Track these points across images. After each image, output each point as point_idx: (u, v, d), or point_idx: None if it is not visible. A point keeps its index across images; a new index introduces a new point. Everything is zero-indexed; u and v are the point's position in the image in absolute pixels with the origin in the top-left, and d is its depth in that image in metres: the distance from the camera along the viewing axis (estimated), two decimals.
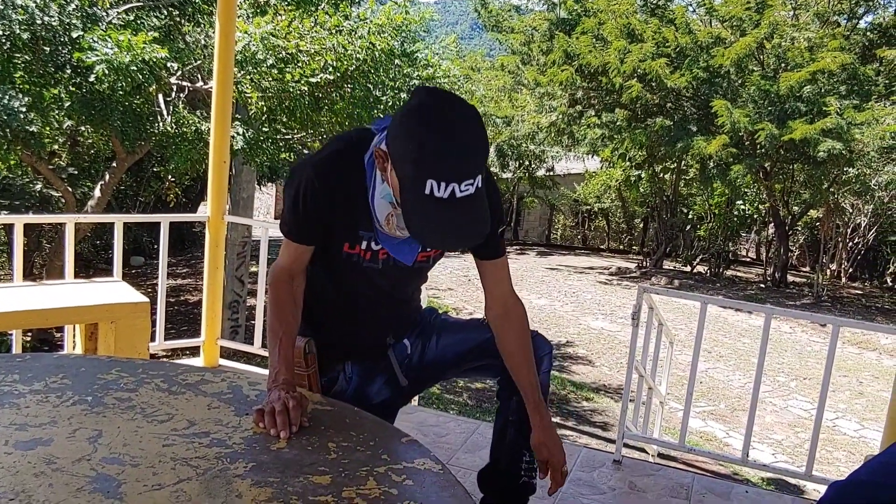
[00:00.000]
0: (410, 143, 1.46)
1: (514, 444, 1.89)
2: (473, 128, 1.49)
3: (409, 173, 1.47)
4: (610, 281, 15.92)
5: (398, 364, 1.92)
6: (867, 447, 7.46)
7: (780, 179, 14.94)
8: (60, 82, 6.59)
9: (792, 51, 13.56)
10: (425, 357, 1.94)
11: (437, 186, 1.43)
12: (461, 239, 1.53)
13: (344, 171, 1.69)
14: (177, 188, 12.36)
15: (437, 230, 1.49)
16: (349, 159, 1.69)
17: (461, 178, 1.45)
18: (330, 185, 1.67)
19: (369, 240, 1.73)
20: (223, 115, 3.68)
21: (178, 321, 10.94)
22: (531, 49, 16.98)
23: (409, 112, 1.50)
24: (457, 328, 1.95)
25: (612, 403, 8.41)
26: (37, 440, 1.35)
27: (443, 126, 1.46)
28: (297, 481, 1.28)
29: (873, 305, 14.04)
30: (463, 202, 1.46)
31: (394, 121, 1.53)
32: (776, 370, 9.83)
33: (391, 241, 1.72)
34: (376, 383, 1.91)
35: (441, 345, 1.93)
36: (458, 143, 1.46)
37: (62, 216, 5.26)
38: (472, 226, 1.50)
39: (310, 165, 1.69)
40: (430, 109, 1.49)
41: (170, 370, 1.76)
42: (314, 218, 1.69)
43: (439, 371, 1.95)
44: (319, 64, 7.03)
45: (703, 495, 2.82)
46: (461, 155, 1.46)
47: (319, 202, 1.67)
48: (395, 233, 1.70)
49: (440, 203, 1.45)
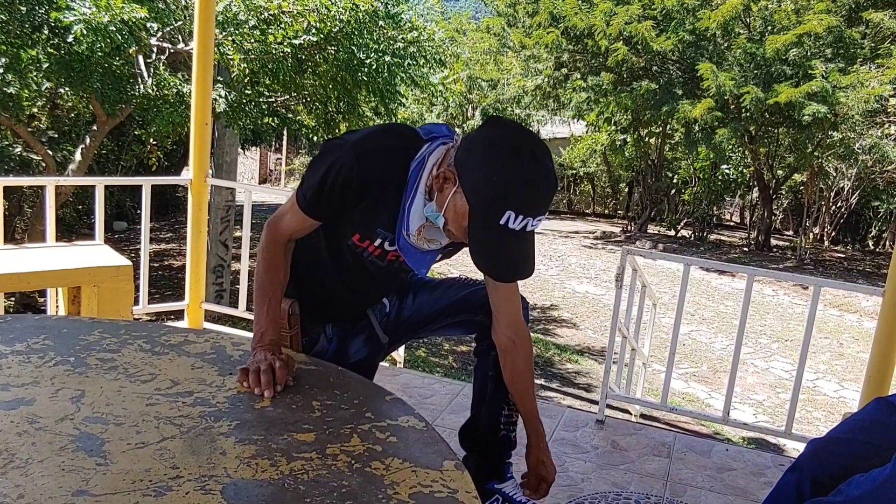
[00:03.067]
0: (495, 172, 1.44)
1: (494, 399, 1.92)
2: (552, 165, 1.49)
3: (487, 201, 1.45)
4: (595, 245, 15.98)
5: (378, 322, 1.93)
6: (846, 407, 7.60)
7: (765, 143, 14.95)
8: (38, 43, 6.46)
9: (778, 13, 13.48)
10: (402, 314, 1.94)
11: (514, 218, 1.44)
12: (519, 272, 1.53)
13: (388, 168, 1.63)
14: (159, 152, 12.21)
15: (500, 260, 1.49)
16: (396, 159, 1.63)
17: (536, 213, 1.46)
18: (368, 177, 1.61)
19: (385, 239, 1.70)
20: (204, 77, 3.64)
21: (161, 286, 10.90)
22: (517, 11, 16.80)
23: (492, 140, 1.48)
24: (433, 286, 1.95)
25: (596, 365, 8.49)
26: (19, 400, 1.35)
27: (532, 160, 1.45)
28: (282, 439, 1.29)
29: (855, 268, 14.19)
30: (529, 237, 1.48)
31: (468, 145, 1.50)
32: (758, 332, 9.95)
33: (412, 251, 1.69)
34: (356, 342, 1.93)
35: (418, 302, 1.93)
36: (543, 179, 1.46)
37: (42, 178, 5.20)
38: (529, 261, 1.51)
39: (354, 149, 1.60)
40: (518, 140, 1.47)
41: (153, 331, 1.76)
42: (338, 201, 1.64)
43: (417, 327, 1.96)
44: (302, 25, 6.92)
45: (683, 453, 2.87)
46: (545, 191, 1.47)
47: (351, 189, 1.62)
48: (421, 245, 1.67)
49: (510, 235, 1.45)
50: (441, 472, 1.23)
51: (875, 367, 2.82)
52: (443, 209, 1.55)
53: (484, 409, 1.94)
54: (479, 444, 1.98)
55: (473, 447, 2.00)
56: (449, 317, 1.90)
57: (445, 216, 1.55)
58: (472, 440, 2.00)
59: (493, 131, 1.51)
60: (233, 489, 1.13)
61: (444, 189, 1.54)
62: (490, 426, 1.94)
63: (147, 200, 3.81)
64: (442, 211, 1.55)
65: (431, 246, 1.68)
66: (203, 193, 3.80)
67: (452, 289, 1.91)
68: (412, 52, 7.72)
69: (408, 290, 1.95)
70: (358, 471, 1.21)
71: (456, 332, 1.99)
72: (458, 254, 1.86)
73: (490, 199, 1.44)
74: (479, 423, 1.96)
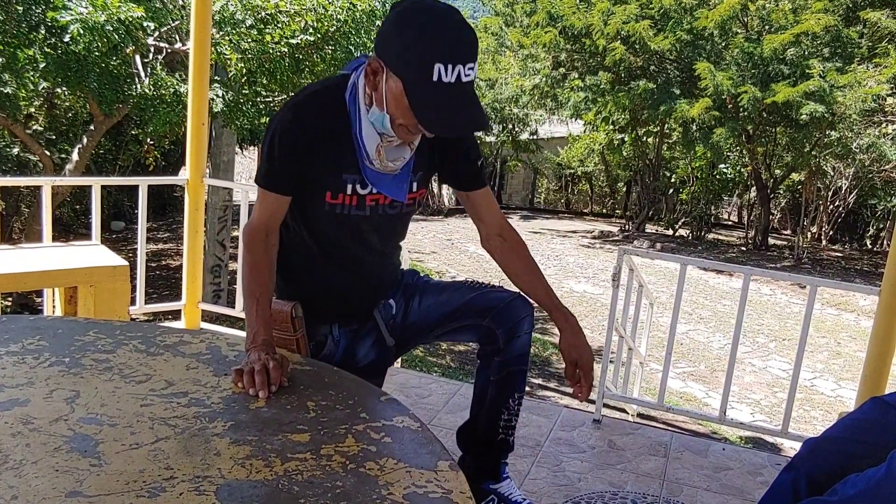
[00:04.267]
0: (412, 35, 1.49)
1: (494, 403, 1.91)
2: (462, 16, 1.54)
3: (413, 65, 1.49)
4: (593, 244, 15.98)
5: (384, 323, 1.91)
6: (843, 406, 7.60)
7: (763, 143, 14.96)
8: (35, 43, 6.45)
9: (776, 13, 13.49)
10: (408, 317, 1.93)
11: (445, 70, 1.47)
12: (471, 122, 1.54)
13: (323, 110, 1.67)
14: (156, 152, 12.20)
15: (448, 115, 1.51)
16: (328, 98, 1.68)
17: (465, 60, 1.49)
18: (308, 127, 1.66)
19: (354, 183, 1.71)
20: (201, 76, 3.64)
21: (159, 286, 10.89)
22: (515, 10, 16.82)
23: (400, 13, 1.53)
24: (439, 290, 1.95)
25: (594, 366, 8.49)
26: (13, 400, 1.34)
27: (441, 13, 1.51)
28: (276, 439, 1.29)
29: (852, 267, 14.20)
30: (468, 87, 1.50)
31: (385, 28, 1.56)
32: (756, 331, 9.96)
33: (382, 179, 1.71)
34: (364, 345, 1.91)
35: (424, 305, 1.92)
36: (458, 26, 1.50)
37: (39, 179, 5.19)
38: (478, 110, 1.53)
39: (286, 108, 1.69)
40: (424, 2, 1.53)
41: (148, 331, 1.75)
42: (291, 161, 1.67)
43: (423, 331, 1.94)
44: (299, 25, 6.93)
45: (680, 452, 2.87)
46: (463, 36, 1.51)
47: (298, 145, 1.66)
48: (386, 166, 1.68)
49: (448, 88, 1.48)
50: (435, 473, 1.23)
51: (871, 367, 2.83)
52: (383, 106, 1.57)
53: (483, 413, 1.93)
54: (476, 446, 1.98)
55: (470, 448, 2.00)
56: (454, 321, 1.89)
57: (388, 111, 1.57)
58: (470, 441, 1.99)
59: (399, 8, 1.55)
60: (227, 490, 1.12)
61: (377, 83, 1.57)
62: (489, 429, 1.93)
63: (144, 200, 3.81)
64: (384, 108, 1.57)
65: (398, 165, 1.70)
66: (200, 193, 3.80)
67: (459, 292, 1.90)
68: None
69: (414, 294, 1.94)
70: (352, 471, 1.20)
71: (462, 338, 1.98)
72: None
73: (416, 61, 1.48)
74: (478, 425, 1.96)
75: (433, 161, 1.81)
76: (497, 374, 1.88)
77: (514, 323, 1.83)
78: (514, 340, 1.84)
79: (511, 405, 1.91)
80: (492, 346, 1.87)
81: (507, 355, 1.86)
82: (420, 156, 1.75)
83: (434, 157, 1.80)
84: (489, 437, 1.94)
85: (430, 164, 1.80)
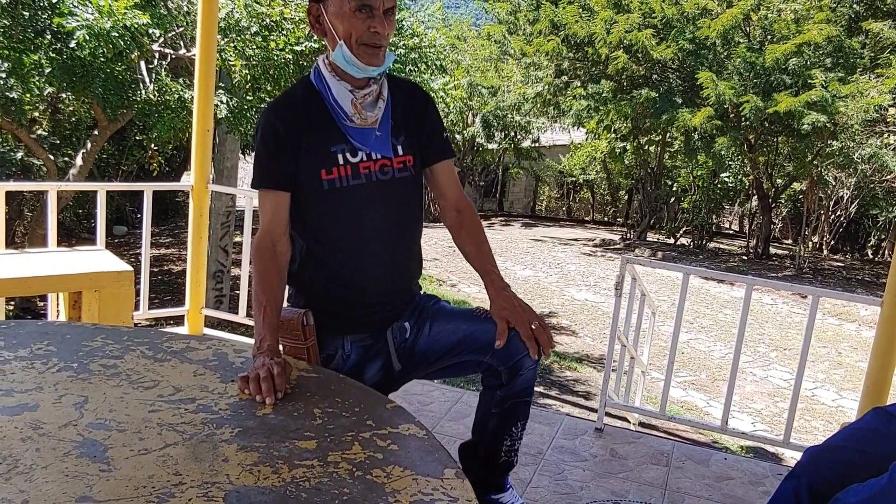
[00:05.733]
0: None
1: (496, 431, 1.91)
2: None
3: None
4: (594, 252, 15.99)
5: (395, 346, 1.90)
6: (845, 416, 7.60)
7: (765, 152, 14.98)
8: (40, 48, 6.49)
9: (778, 23, 13.53)
10: (418, 343, 1.91)
11: None
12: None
13: (297, 98, 1.81)
14: (160, 157, 12.24)
15: None
16: (297, 89, 1.84)
17: None
18: (289, 116, 1.77)
19: (344, 153, 1.78)
20: (206, 83, 3.65)
21: (161, 291, 10.90)
22: (518, 18, 16.85)
23: None
24: (449, 317, 1.92)
25: (595, 373, 8.50)
26: (23, 405, 1.36)
27: None
28: (283, 446, 1.30)
29: (854, 277, 14.20)
30: None
31: None
32: (757, 341, 9.95)
33: (366, 136, 1.79)
34: (373, 366, 1.89)
35: (433, 332, 1.90)
36: None
37: (44, 184, 5.21)
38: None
39: (264, 112, 1.84)
40: None
41: (155, 337, 1.77)
42: (282, 152, 1.76)
43: (428, 361, 1.91)
44: (304, 32, 6.95)
45: (682, 462, 2.87)
46: None
47: (281, 136, 1.75)
48: (365, 118, 1.79)
49: None
50: (442, 481, 1.24)
51: (873, 377, 2.83)
52: (336, 37, 1.73)
53: (485, 438, 1.93)
54: (478, 466, 1.97)
55: (472, 466, 1.97)
56: (457, 354, 1.86)
57: (341, 37, 1.72)
58: (472, 462, 1.98)
59: None
60: (235, 496, 1.13)
61: (322, 25, 1.76)
62: (491, 453, 1.93)
63: (148, 206, 3.82)
64: (338, 38, 1.73)
65: (377, 115, 1.81)
66: (204, 199, 3.81)
67: (465, 322, 1.87)
68: (413, 59, 7.76)
69: (426, 320, 1.91)
70: (359, 478, 1.21)
71: (464, 373, 1.97)
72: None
73: None
74: (480, 447, 1.95)
75: (410, 126, 1.88)
76: (499, 406, 1.87)
77: (517, 360, 1.79)
78: (516, 377, 1.82)
79: (514, 432, 1.91)
80: (495, 380, 1.85)
81: (510, 390, 1.84)
82: (396, 120, 1.85)
83: (410, 121, 1.88)
84: (492, 460, 1.93)
85: (408, 129, 1.87)
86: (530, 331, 1.76)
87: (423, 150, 1.90)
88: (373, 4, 1.70)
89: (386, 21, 1.73)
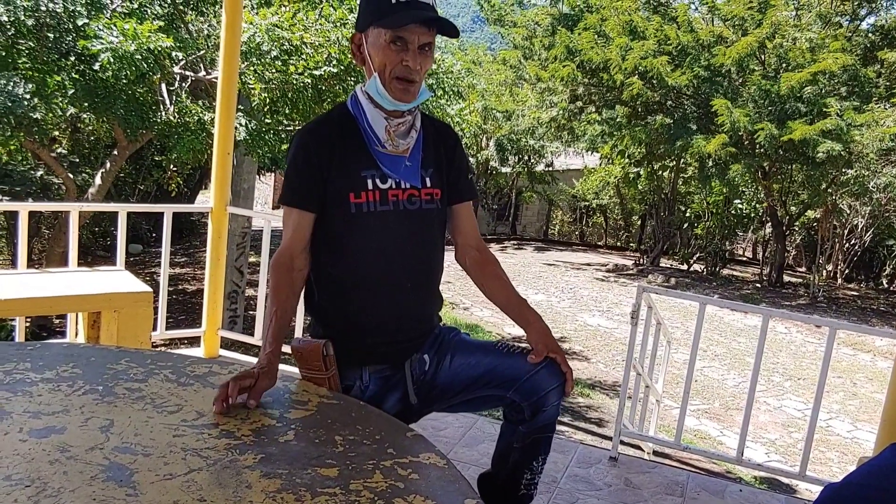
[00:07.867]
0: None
1: (517, 465, 1.89)
2: None
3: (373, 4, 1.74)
4: (607, 278, 15.96)
5: (412, 379, 1.89)
6: (860, 448, 7.52)
7: (779, 179, 14.97)
8: (64, 69, 6.60)
9: (793, 51, 13.57)
10: (438, 376, 1.90)
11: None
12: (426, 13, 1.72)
13: (334, 122, 1.84)
14: (178, 177, 12.35)
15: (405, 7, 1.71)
16: (336, 114, 1.87)
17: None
18: (323, 139, 1.80)
19: (374, 178, 1.80)
20: (228, 107, 3.70)
21: (176, 310, 10.96)
22: (533, 44, 16.99)
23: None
24: (471, 350, 1.91)
25: (607, 400, 8.45)
26: (50, 428, 1.38)
27: None
28: (306, 473, 1.31)
29: (868, 307, 14.10)
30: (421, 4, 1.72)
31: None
32: (770, 370, 9.88)
33: (397, 164, 1.81)
34: (391, 398, 1.88)
35: (454, 365, 1.89)
36: None
37: (66, 204, 5.28)
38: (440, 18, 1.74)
39: (299, 133, 1.86)
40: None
41: (177, 361, 1.79)
42: (313, 173, 1.78)
43: (447, 395, 1.90)
44: (323, 56, 7.04)
45: (697, 493, 2.86)
46: None
47: (313, 157, 1.79)
48: (397, 145, 1.81)
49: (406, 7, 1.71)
50: None
51: (891, 411, 2.80)
52: (372, 67, 1.77)
53: (505, 472, 1.92)
54: (497, 496, 1.95)
55: (492, 498, 1.95)
56: (478, 389, 1.85)
57: (376, 68, 1.76)
58: (491, 495, 1.96)
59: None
60: None
61: (362, 53, 1.81)
62: (510, 486, 1.91)
63: (168, 227, 3.86)
64: (373, 69, 1.76)
65: (409, 144, 1.83)
66: (223, 222, 3.84)
67: (487, 356, 1.86)
68: (430, 84, 7.82)
69: (447, 352, 1.91)
70: None
71: (485, 407, 1.96)
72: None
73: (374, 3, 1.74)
74: (499, 479, 1.95)
75: (440, 162, 1.90)
76: (521, 441, 1.86)
77: (540, 397, 1.78)
78: (539, 414, 1.81)
79: (535, 466, 1.89)
80: (517, 415, 1.84)
81: (532, 426, 1.83)
82: (427, 152, 1.87)
83: (440, 157, 1.91)
84: (511, 492, 1.92)
85: (437, 164, 1.89)
86: (567, 364, 1.81)
87: (448, 188, 1.92)
88: (407, 38, 1.72)
89: (420, 56, 1.74)
